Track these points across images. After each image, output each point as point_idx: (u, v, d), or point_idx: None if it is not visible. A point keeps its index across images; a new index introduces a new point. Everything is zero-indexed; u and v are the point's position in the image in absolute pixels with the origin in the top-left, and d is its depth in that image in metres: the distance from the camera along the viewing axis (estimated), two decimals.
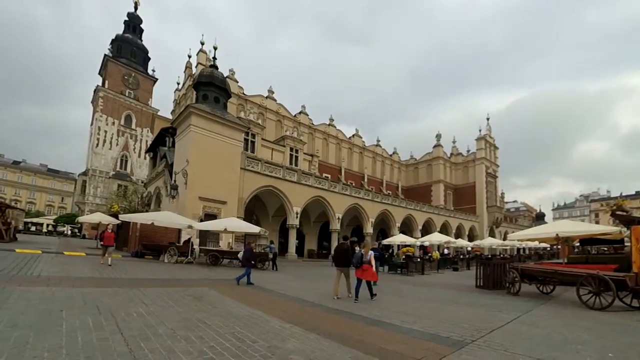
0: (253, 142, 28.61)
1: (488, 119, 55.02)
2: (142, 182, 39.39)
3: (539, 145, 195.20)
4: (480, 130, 53.22)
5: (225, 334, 4.18)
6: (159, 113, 58.89)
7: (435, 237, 24.56)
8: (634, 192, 78.75)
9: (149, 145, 37.61)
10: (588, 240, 14.95)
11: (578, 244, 15.06)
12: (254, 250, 19.80)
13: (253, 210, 27.45)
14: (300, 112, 40.18)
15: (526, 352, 3.91)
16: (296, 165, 31.40)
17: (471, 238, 46.00)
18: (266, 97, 36.65)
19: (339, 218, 28.36)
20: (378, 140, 51.51)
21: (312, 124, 41.17)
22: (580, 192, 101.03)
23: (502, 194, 59.22)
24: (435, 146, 52.50)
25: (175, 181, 20.16)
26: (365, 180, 44.97)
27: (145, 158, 52.34)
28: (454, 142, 56.22)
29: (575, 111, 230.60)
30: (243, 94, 34.20)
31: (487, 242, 34.17)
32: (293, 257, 25.83)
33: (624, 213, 10.20)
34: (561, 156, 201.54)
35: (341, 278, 8.08)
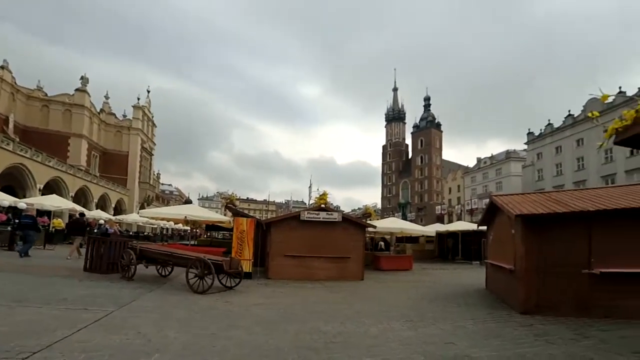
0: None
1: (149, 91, 53.16)
2: None
3: (184, 138, 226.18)
4: (139, 99, 49.98)
5: None
6: None
7: (54, 201, 18.67)
8: (246, 198, 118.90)
9: None
10: (212, 226, 17.51)
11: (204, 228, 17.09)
12: None
13: None
14: None
15: None
16: None
17: (118, 211, 41.47)
18: None
19: None
20: None
21: None
22: (217, 189, 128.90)
23: (158, 174, 60.00)
24: (78, 90, 40.37)
25: None
26: None
27: None
28: (107, 97, 48.19)
29: (210, 124, 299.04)
30: None
31: (132, 217, 31.87)
32: None
33: (233, 207, 12.81)
34: (201, 157, 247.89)
35: None
